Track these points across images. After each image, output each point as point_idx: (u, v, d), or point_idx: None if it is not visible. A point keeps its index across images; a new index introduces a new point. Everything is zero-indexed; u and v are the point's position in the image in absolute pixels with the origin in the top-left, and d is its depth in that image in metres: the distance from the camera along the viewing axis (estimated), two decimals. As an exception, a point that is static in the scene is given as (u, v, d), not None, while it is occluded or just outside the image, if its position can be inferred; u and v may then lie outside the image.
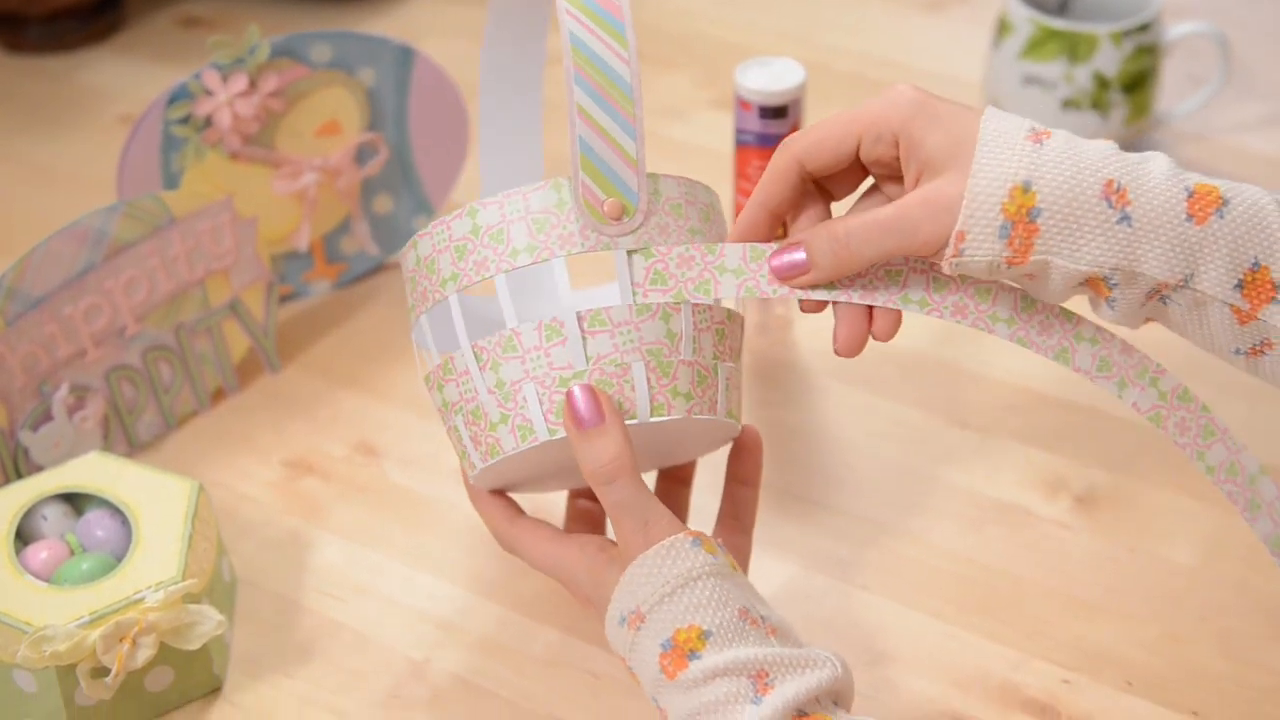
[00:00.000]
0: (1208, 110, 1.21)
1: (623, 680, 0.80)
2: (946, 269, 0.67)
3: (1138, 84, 1.12)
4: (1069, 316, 0.71)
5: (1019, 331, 0.70)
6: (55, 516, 0.82)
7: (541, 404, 0.70)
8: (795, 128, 0.99)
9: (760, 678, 0.66)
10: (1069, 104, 1.12)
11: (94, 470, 0.83)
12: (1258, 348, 0.67)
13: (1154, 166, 0.66)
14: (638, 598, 0.68)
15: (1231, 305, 0.66)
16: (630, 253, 0.70)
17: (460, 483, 0.92)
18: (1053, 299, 0.68)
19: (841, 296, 0.69)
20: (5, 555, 0.78)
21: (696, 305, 0.71)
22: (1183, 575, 0.85)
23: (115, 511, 0.82)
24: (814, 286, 0.69)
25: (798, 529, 0.88)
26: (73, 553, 0.80)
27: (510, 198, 0.71)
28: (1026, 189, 0.65)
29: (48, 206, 1.15)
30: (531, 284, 0.88)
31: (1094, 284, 0.66)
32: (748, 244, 0.70)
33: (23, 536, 0.81)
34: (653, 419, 0.70)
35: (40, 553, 0.79)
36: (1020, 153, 0.65)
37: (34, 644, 0.73)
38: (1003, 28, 1.14)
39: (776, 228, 0.71)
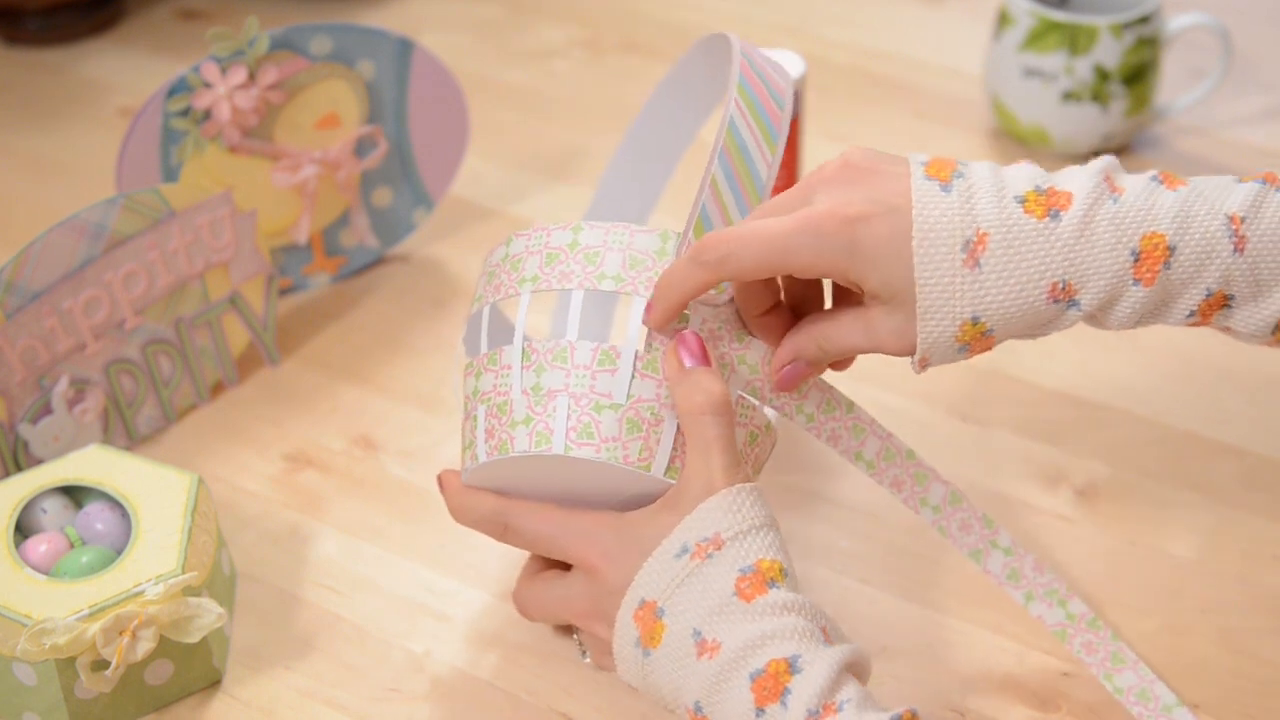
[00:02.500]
0: (1208, 103, 1.21)
1: (623, 673, 0.80)
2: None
3: (1138, 76, 1.12)
4: (989, 523, 0.76)
5: (942, 521, 0.76)
6: (55, 509, 0.82)
7: (568, 419, 0.71)
8: (795, 121, 0.99)
9: (825, 631, 0.67)
10: (1069, 96, 1.12)
11: (93, 463, 0.83)
12: (1217, 328, 0.70)
13: (1098, 235, 0.67)
14: (720, 524, 0.68)
15: (1187, 322, 0.69)
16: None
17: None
18: None
19: (813, 433, 0.74)
20: (5, 548, 0.78)
21: (741, 398, 0.73)
22: (1183, 568, 0.85)
23: (115, 504, 0.82)
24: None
25: (798, 522, 0.88)
26: (72, 546, 0.80)
27: (616, 228, 0.73)
28: (975, 321, 0.68)
29: (47, 199, 1.15)
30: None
31: None
32: (769, 347, 0.73)
33: (22, 529, 0.81)
34: (665, 477, 0.71)
35: (40, 546, 0.79)
36: (960, 285, 0.67)
37: (34, 637, 0.73)
38: (1003, 19, 1.14)
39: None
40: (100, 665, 0.75)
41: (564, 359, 0.71)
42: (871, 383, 0.97)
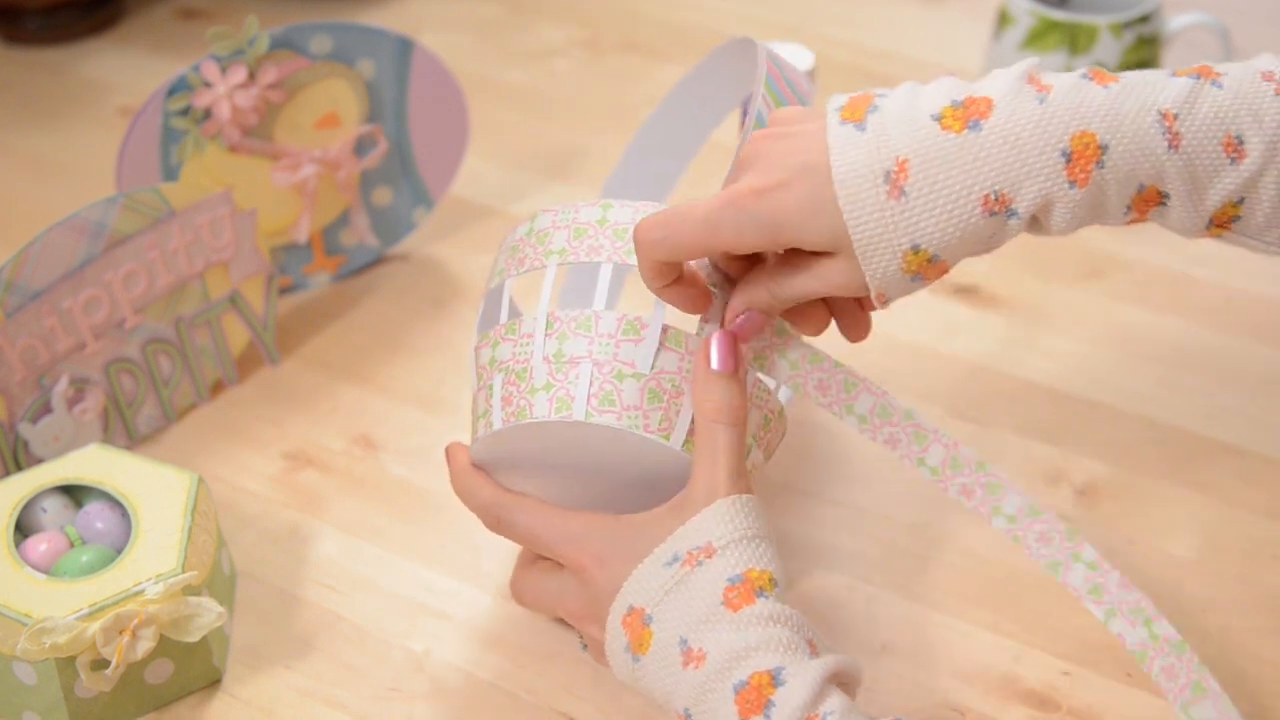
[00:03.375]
0: (1208, 102, 1.20)
1: (622, 672, 0.80)
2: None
3: (1138, 76, 1.12)
4: (1073, 535, 0.73)
5: (1018, 530, 0.74)
6: (55, 509, 0.82)
7: (591, 385, 0.71)
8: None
9: (811, 644, 0.67)
10: (1069, 96, 1.12)
11: (93, 463, 0.83)
12: (1154, 222, 0.68)
13: (1024, 140, 0.64)
14: (714, 533, 0.68)
15: (1125, 220, 0.67)
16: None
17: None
18: None
19: (868, 436, 0.73)
20: (5, 547, 0.78)
21: (757, 381, 0.73)
22: (1182, 568, 0.85)
23: (115, 504, 0.82)
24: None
25: (797, 522, 0.88)
26: (72, 545, 0.80)
27: (646, 206, 0.73)
28: (916, 250, 0.66)
29: (47, 199, 1.15)
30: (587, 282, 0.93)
31: None
32: (811, 346, 0.73)
33: (22, 529, 0.81)
34: (683, 449, 0.71)
35: (40, 545, 0.79)
36: (890, 218, 0.65)
37: (34, 636, 0.73)
38: (1003, 19, 1.14)
39: (683, 278, 0.72)
40: (100, 664, 0.75)
41: (588, 327, 0.72)
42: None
